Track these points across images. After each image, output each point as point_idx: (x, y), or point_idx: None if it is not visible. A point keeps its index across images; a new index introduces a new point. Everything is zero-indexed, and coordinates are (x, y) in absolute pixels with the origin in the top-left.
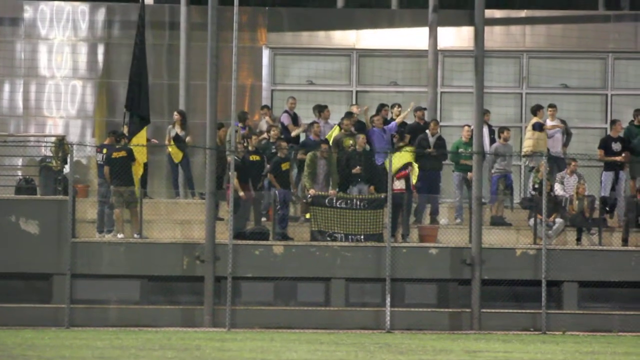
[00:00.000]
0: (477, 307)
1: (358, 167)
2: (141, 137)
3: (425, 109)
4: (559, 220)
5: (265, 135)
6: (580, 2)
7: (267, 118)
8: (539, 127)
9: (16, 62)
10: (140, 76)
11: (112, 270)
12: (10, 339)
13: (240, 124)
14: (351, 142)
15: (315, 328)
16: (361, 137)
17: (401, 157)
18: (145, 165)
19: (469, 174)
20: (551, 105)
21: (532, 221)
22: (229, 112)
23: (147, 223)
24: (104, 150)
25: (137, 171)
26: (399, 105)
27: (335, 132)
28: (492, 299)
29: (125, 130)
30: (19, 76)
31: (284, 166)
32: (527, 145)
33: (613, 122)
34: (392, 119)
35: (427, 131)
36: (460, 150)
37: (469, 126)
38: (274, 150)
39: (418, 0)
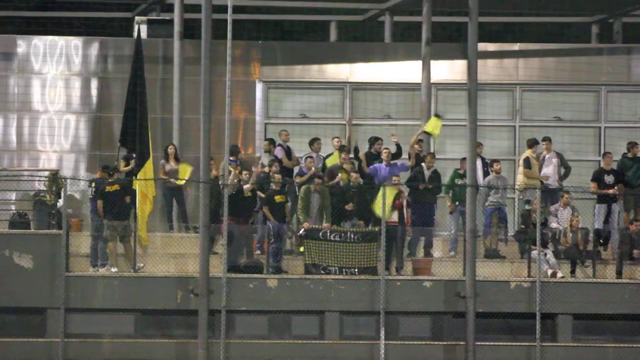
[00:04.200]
0: (472, 340)
1: (350, 203)
2: (148, 171)
3: (422, 140)
4: (548, 252)
5: (266, 168)
6: (573, 35)
7: (266, 153)
8: (527, 165)
9: (9, 97)
10: (136, 111)
11: (106, 304)
12: None
13: (231, 158)
14: (344, 175)
15: None
16: (354, 175)
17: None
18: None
19: (457, 203)
20: (545, 139)
21: (534, 253)
22: (223, 146)
23: (141, 257)
24: (93, 185)
25: (144, 208)
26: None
27: (335, 159)
28: (487, 332)
29: (122, 165)
30: (12, 111)
31: (278, 198)
32: (519, 180)
33: (604, 155)
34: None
35: (423, 164)
36: (457, 180)
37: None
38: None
39: (411, 33)
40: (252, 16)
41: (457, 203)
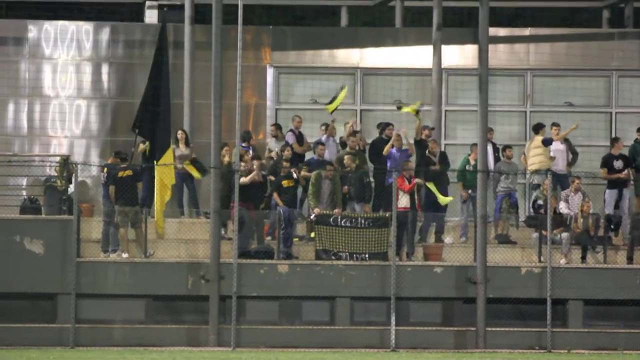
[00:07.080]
0: (482, 326)
1: (346, 186)
2: (167, 160)
3: (433, 128)
4: (564, 235)
5: (273, 154)
6: (584, 20)
7: (273, 138)
8: (548, 142)
9: (20, 82)
10: (159, 98)
11: (117, 290)
12: (15, 359)
13: (244, 144)
14: (353, 163)
15: (320, 347)
16: (346, 157)
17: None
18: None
19: (469, 191)
20: (555, 124)
21: (536, 236)
22: (234, 131)
23: (152, 242)
24: (105, 170)
25: (164, 194)
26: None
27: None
28: (497, 318)
29: (142, 148)
30: (24, 96)
31: (285, 183)
32: (536, 161)
33: (615, 140)
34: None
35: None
36: (467, 166)
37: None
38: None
39: (422, 18)
40: (263, 1)
41: (469, 191)
